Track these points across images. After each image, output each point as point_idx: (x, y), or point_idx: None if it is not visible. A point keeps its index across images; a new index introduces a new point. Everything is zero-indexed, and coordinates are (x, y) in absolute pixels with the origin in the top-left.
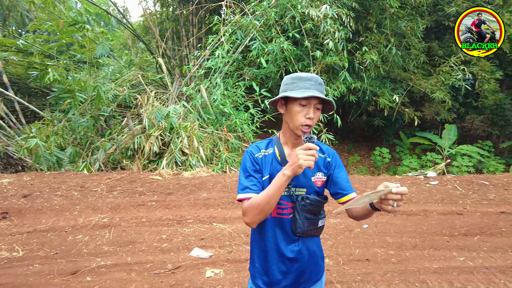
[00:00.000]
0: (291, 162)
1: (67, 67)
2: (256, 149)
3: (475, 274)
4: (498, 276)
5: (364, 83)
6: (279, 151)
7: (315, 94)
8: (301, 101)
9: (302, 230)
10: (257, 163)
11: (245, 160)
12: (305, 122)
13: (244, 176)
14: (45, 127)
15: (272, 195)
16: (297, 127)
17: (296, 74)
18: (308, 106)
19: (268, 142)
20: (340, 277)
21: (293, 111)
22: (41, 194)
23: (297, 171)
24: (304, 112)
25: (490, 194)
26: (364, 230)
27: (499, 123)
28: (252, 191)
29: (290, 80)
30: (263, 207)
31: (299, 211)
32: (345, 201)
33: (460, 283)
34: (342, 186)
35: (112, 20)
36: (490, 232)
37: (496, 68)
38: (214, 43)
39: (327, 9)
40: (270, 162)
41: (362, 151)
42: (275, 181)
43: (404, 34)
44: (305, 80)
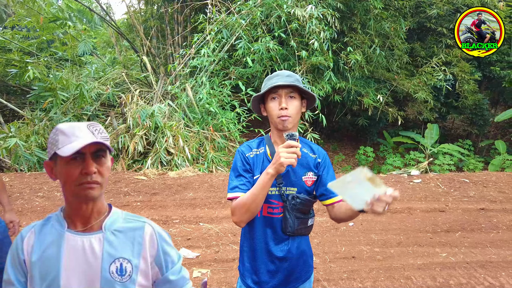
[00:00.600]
0: (273, 161)
1: (48, 65)
2: (248, 149)
3: (456, 269)
4: (478, 270)
5: (348, 83)
6: (270, 150)
7: (278, 83)
8: (271, 95)
9: (293, 229)
10: (247, 163)
11: (236, 159)
12: (279, 113)
13: (235, 175)
14: (25, 126)
15: (257, 194)
16: (276, 121)
17: (270, 75)
18: (279, 98)
19: (260, 141)
20: (327, 275)
21: (268, 107)
22: (22, 195)
23: (280, 170)
24: (277, 105)
25: (470, 192)
26: (349, 228)
27: (478, 122)
28: (241, 190)
29: (264, 82)
30: (249, 206)
31: (289, 210)
32: (331, 203)
33: (442, 278)
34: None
35: (95, 17)
36: (470, 228)
37: (475, 70)
38: (200, 42)
39: (312, 9)
40: (262, 161)
41: (346, 150)
42: (259, 180)
43: (387, 35)
44: (273, 78)
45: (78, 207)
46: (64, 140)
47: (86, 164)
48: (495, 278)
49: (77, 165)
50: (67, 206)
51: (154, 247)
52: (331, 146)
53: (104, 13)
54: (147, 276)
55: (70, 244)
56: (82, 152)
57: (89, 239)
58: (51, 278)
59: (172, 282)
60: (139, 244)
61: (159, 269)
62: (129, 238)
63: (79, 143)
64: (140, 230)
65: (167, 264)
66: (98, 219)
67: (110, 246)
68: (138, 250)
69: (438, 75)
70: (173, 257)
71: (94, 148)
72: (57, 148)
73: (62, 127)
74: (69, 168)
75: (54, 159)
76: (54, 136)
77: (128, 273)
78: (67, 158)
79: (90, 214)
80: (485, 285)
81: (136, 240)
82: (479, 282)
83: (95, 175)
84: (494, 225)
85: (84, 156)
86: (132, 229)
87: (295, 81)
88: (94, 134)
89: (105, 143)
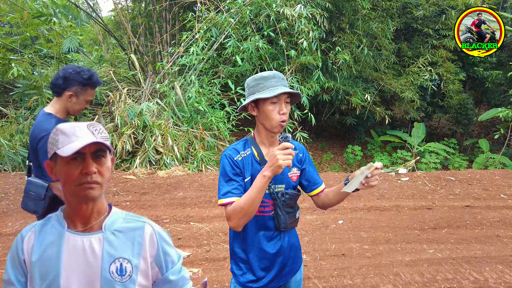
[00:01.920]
0: (270, 163)
1: (32, 62)
2: (235, 152)
3: (443, 265)
4: (463, 266)
5: (337, 82)
6: (257, 151)
7: (284, 90)
8: (272, 100)
9: (285, 224)
10: (237, 166)
11: (224, 164)
12: (280, 118)
13: (225, 180)
14: (9, 125)
15: (255, 198)
16: (275, 125)
17: (258, 74)
18: (279, 103)
19: (244, 143)
20: (318, 272)
21: (267, 110)
22: (6, 195)
23: (277, 171)
24: (277, 109)
25: (456, 189)
26: (339, 225)
27: (463, 121)
28: (234, 195)
29: (254, 82)
30: (246, 210)
31: (280, 207)
32: (317, 193)
33: (430, 274)
34: (314, 179)
35: (81, 14)
36: (456, 225)
37: (460, 70)
38: (189, 40)
39: (301, 9)
40: (250, 163)
41: (335, 149)
42: (256, 184)
43: (375, 35)
44: (269, 79)
45: (78, 207)
46: (64, 140)
47: (86, 164)
48: (480, 273)
49: (77, 165)
50: (67, 206)
51: (154, 247)
52: (320, 145)
53: (91, 10)
54: (147, 276)
55: (70, 244)
56: (82, 152)
57: (89, 239)
58: (51, 278)
59: (172, 282)
60: (139, 244)
61: (159, 269)
62: (129, 238)
63: (79, 143)
64: (140, 230)
65: (167, 264)
66: (98, 219)
67: (110, 246)
68: (138, 250)
69: (424, 75)
70: (173, 257)
71: (94, 148)
72: (57, 148)
73: (62, 127)
74: (69, 168)
75: (54, 159)
76: (54, 136)
77: (128, 273)
78: (67, 158)
79: (90, 214)
80: (470, 280)
81: (136, 240)
82: (464, 277)
83: (95, 175)
84: (479, 222)
85: (84, 156)
86: (132, 229)
87: (287, 84)
88: (94, 134)
89: (105, 143)
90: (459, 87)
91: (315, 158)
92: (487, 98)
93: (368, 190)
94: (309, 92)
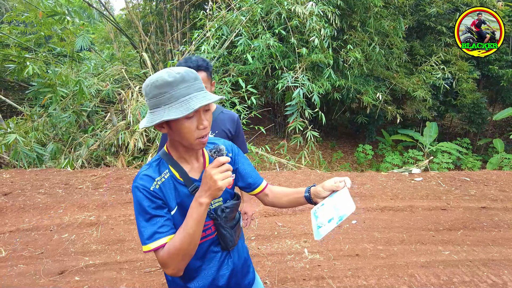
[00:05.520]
0: (205, 187)
1: (46, 61)
2: (149, 180)
3: (459, 267)
4: (481, 269)
5: (348, 80)
6: (177, 171)
7: (201, 104)
8: (187, 115)
9: (233, 241)
10: (156, 197)
11: (138, 199)
12: (199, 134)
13: (145, 219)
14: (24, 122)
15: (193, 233)
16: (195, 143)
17: (160, 78)
18: (197, 115)
19: (158, 164)
20: (331, 272)
21: (182, 128)
22: (23, 192)
23: (217, 195)
24: (194, 124)
25: (471, 190)
26: (352, 225)
27: (477, 121)
28: (164, 234)
29: (156, 90)
30: (185, 250)
31: (223, 225)
32: (259, 192)
33: (446, 276)
34: (251, 177)
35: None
36: (472, 226)
37: (474, 68)
38: (200, 38)
39: (312, 6)
40: (173, 188)
41: (345, 148)
42: (192, 215)
43: (387, 33)
44: (177, 85)
45: None
46: None
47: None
48: (498, 276)
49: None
50: None
51: None
52: (330, 143)
53: (103, 8)
54: None
55: None
56: None
57: None
58: None
59: None
60: None
61: None
62: None
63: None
64: None
65: None
66: None
67: None
68: None
69: (437, 73)
70: None
71: None
72: None
73: None
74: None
75: None
76: None
77: None
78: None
79: None
80: (488, 283)
81: None
82: (482, 280)
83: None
84: (496, 224)
85: None
86: None
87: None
88: None
89: None
90: (473, 85)
91: (325, 156)
92: (502, 97)
93: (381, 190)
94: (320, 91)
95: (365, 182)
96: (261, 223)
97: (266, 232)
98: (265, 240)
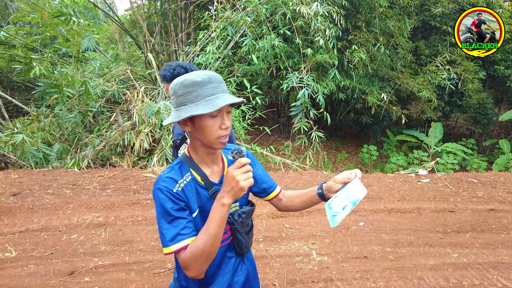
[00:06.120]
0: (228, 188)
1: (53, 61)
2: (171, 183)
3: (469, 270)
4: (491, 272)
5: (353, 81)
6: (199, 174)
7: (227, 103)
8: (212, 113)
9: (248, 247)
10: (180, 200)
11: (161, 201)
12: (220, 134)
13: (167, 221)
14: (30, 122)
15: (216, 234)
16: (215, 143)
17: (189, 79)
18: (220, 115)
19: (180, 167)
20: (340, 274)
21: (205, 127)
22: (31, 192)
23: (239, 195)
24: (217, 124)
25: (479, 192)
26: (360, 227)
27: (482, 121)
28: (186, 236)
29: (185, 89)
30: (208, 251)
31: (239, 230)
32: (273, 197)
33: (455, 279)
34: (266, 182)
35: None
36: (481, 229)
37: (480, 68)
38: (205, 39)
39: (317, 7)
40: (195, 191)
41: (349, 148)
42: (214, 216)
43: (392, 33)
44: (204, 85)
45: None
46: None
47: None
48: (508, 279)
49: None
50: None
51: None
52: (334, 144)
53: (108, 9)
54: None
55: None
56: None
57: None
58: None
59: None
60: None
61: None
62: None
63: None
64: None
65: None
66: None
67: None
68: None
69: (442, 74)
70: None
71: None
72: None
73: None
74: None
75: None
76: None
77: None
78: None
79: None
80: (498, 287)
81: None
82: (492, 283)
83: None
84: (505, 226)
85: None
86: None
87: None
88: None
89: None
90: (479, 86)
91: (329, 157)
92: (508, 98)
93: (388, 191)
94: (325, 91)
95: (371, 184)
96: (269, 225)
97: (273, 234)
98: (272, 242)
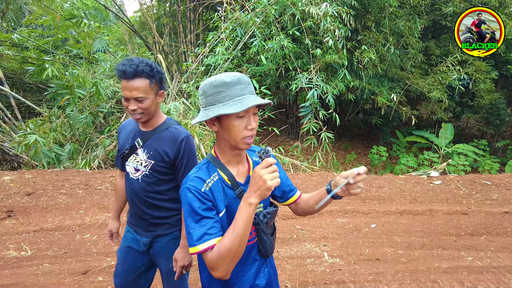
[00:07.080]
0: (255, 187)
1: (64, 63)
2: (199, 182)
3: (484, 274)
4: (507, 276)
5: (362, 81)
6: (226, 174)
7: (254, 103)
8: (239, 113)
9: (272, 249)
10: (207, 199)
11: (189, 200)
12: (246, 134)
13: (195, 221)
14: (43, 123)
15: (243, 233)
16: (241, 143)
17: (218, 79)
18: (247, 116)
19: (207, 167)
20: (352, 276)
21: (232, 126)
22: (45, 192)
23: (266, 195)
24: (243, 124)
25: (493, 194)
26: (372, 229)
27: (494, 122)
28: (213, 236)
29: (214, 89)
30: (236, 251)
31: (264, 231)
32: (293, 201)
33: (470, 282)
34: (286, 185)
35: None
36: (495, 232)
37: (492, 68)
38: (214, 40)
39: (327, 7)
40: (222, 191)
41: (358, 149)
42: (242, 215)
43: (402, 33)
44: (232, 86)
45: None
46: None
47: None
48: None
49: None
50: None
51: None
52: (343, 145)
53: (118, 10)
54: None
55: None
56: None
57: None
58: None
59: None
60: None
61: None
62: None
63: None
64: None
65: None
66: None
67: None
68: None
69: (453, 74)
70: None
71: None
72: None
73: None
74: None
75: None
76: None
77: None
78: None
79: None
80: None
81: None
82: None
83: None
84: None
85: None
86: None
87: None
88: None
89: None
90: (491, 86)
91: (338, 158)
92: None
93: (400, 193)
94: (334, 91)
95: (383, 185)
96: (280, 226)
97: (285, 235)
98: (284, 243)
